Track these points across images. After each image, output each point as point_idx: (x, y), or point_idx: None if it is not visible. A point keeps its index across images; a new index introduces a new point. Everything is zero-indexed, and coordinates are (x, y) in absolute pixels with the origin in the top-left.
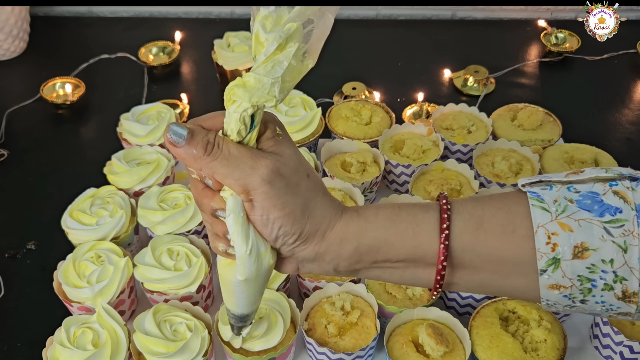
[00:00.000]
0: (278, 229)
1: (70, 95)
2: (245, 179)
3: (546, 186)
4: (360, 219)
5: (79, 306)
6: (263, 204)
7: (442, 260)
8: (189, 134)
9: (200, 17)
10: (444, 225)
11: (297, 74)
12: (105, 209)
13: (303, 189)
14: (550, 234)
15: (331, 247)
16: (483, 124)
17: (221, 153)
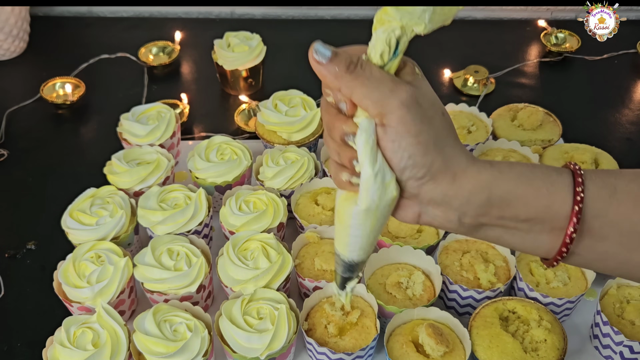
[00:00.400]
0: (408, 158)
1: (70, 95)
2: (384, 100)
3: None
4: (494, 169)
5: (79, 306)
6: (397, 128)
7: (575, 223)
8: (333, 53)
9: (200, 17)
10: (578, 188)
11: (447, 11)
12: (105, 209)
13: (437, 123)
14: None
15: (460, 192)
16: (483, 124)
17: (363, 72)
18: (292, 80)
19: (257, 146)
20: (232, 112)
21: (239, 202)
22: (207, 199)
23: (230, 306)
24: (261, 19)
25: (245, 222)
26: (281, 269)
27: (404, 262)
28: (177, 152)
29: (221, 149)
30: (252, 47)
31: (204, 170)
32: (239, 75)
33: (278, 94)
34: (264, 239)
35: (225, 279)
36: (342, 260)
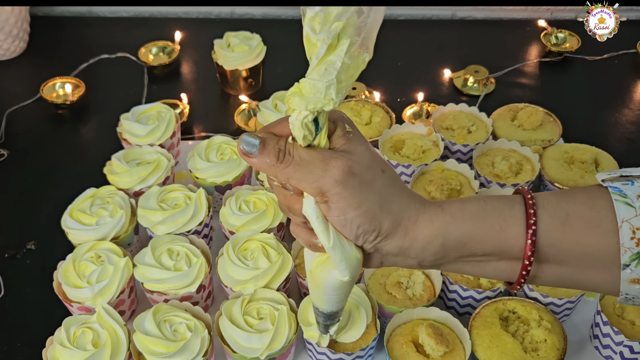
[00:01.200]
0: (357, 228)
1: (70, 95)
2: (319, 181)
3: (627, 181)
4: (445, 214)
5: (79, 306)
6: (338, 204)
7: (529, 255)
8: (261, 144)
9: (200, 17)
10: (530, 220)
11: (353, 70)
12: (105, 209)
13: (378, 185)
14: (635, 229)
15: (415, 243)
16: (483, 124)
17: (293, 159)
18: (292, 81)
19: None
20: (232, 112)
21: (239, 202)
22: (207, 199)
23: (230, 306)
24: (261, 19)
25: (245, 222)
26: (281, 269)
27: None
28: (177, 152)
29: (221, 149)
30: (252, 47)
31: (204, 170)
32: (239, 75)
33: (278, 94)
34: (264, 239)
35: (225, 279)
36: (321, 312)
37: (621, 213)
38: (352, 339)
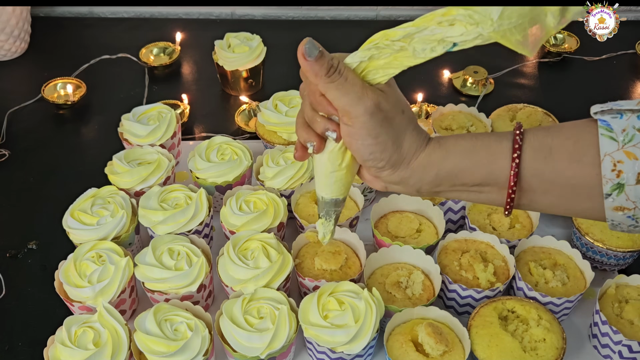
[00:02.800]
0: (369, 154)
1: (71, 96)
2: (351, 106)
3: (617, 114)
4: (442, 149)
5: (80, 305)
6: (360, 131)
7: (512, 185)
8: (319, 53)
9: (201, 17)
10: (514, 154)
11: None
12: (106, 209)
13: (397, 122)
14: (616, 162)
15: (414, 174)
16: (482, 124)
17: (339, 78)
18: (292, 81)
19: (257, 146)
20: (233, 113)
21: (239, 202)
22: (207, 199)
23: (230, 305)
24: (261, 20)
25: (246, 222)
26: (281, 268)
27: (404, 261)
28: (177, 152)
29: (222, 149)
30: (253, 47)
31: (205, 170)
32: (239, 75)
33: (278, 95)
34: (264, 238)
35: (225, 279)
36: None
37: (604, 147)
38: (358, 349)
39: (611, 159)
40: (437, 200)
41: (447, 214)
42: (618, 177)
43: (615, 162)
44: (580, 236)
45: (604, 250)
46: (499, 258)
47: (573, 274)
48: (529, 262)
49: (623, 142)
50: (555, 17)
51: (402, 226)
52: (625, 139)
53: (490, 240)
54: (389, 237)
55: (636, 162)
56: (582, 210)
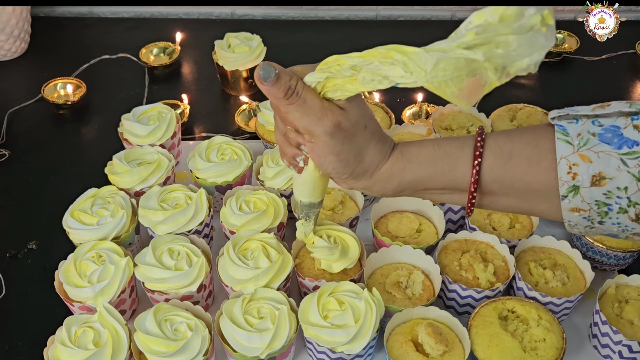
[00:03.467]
0: (332, 168)
1: (71, 96)
2: (311, 127)
3: (573, 119)
4: (404, 160)
5: (80, 305)
6: (322, 150)
7: (473, 191)
8: (276, 76)
9: (201, 17)
10: (475, 161)
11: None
12: (106, 209)
13: (358, 139)
14: (571, 165)
15: (377, 183)
16: (482, 125)
17: (298, 100)
18: None
19: (257, 146)
20: (233, 113)
21: (239, 202)
22: (207, 199)
23: (230, 305)
24: (261, 20)
25: (246, 221)
26: (281, 268)
27: (404, 261)
28: (177, 152)
29: (222, 149)
30: (253, 47)
31: (205, 170)
32: (239, 75)
33: None
34: (264, 238)
35: (225, 279)
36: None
37: (561, 150)
38: (358, 349)
39: (567, 161)
40: (437, 200)
41: (447, 214)
42: (573, 180)
43: (570, 164)
44: (580, 236)
45: (604, 250)
46: (499, 258)
47: (573, 274)
48: (529, 262)
49: (578, 145)
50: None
51: (402, 226)
52: (581, 142)
53: (490, 240)
54: (389, 237)
55: (590, 164)
56: (540, 211)
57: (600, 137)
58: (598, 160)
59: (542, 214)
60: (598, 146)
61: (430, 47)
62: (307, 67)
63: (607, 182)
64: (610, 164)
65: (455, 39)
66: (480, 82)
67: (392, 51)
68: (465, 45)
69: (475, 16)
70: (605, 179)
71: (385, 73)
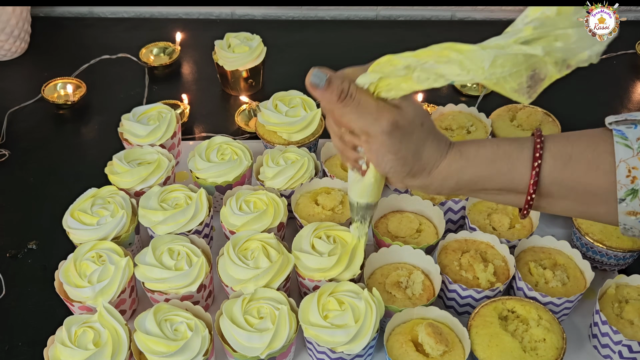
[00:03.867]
0: (390, 168)
1: (71, 96)
2: (368, 127)
3: (631, 124)
4: (462, 159)
5: (80, 305)
6: (380, 148)
7: (532, 192)
8: (327, 80)
9: (201, 17)
10: (535, 163)
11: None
12: (106, 209)
13: (415, 137)
14: (630, 168)
15: (435, 181)
16: (482, 124)
17: (352, 102)
18: (292, 81)
19: (257, 146)
20: (233, 113)
21: (239, 202)
22: (207, 199)
23: (230, 305)
24: (261, 20)
25: (246, 221)
26: (281, 268)
27: (404, 261)
28: (177, 152)
29: (222, 149)
30: (253, 47)
31: (205, 170)
32: (239, 75)
33: (278, 95)
34: (264, 238)
35: (225, 279)
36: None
37: (620, 154)
38: (358, 349)
39: (626, 165)
40: (437, 200)
41: (447, 214)
42: (632, 183)
43: (630, 168)
44: (580, 236)
45: (604, 250)
46: (499, 258)
47: (573, 274)
48: (529, 262)
49: (638, 149)
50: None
51: (402, 226)
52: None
53: (490, 240)
54: (389, 237)
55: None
56: (596, 214)
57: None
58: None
59: (598, 217)
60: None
61: (487, 43)
62: (357, 69)
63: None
64: None
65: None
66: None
67: (448, 50)
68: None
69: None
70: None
71: (442, 71)
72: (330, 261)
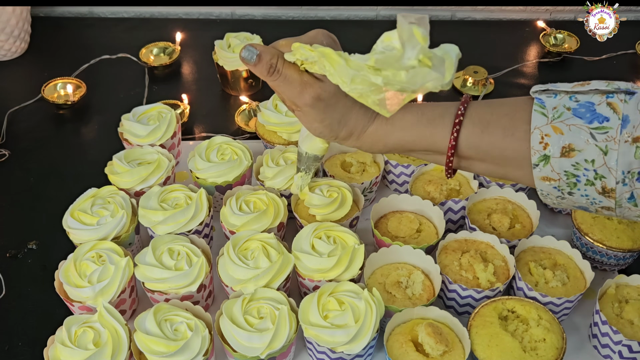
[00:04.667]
0: (319, 133)
1: (71, 96)
2: (294, 99)
3: (552, 94)
4: (388, 125)
5: (80, 305)
6: (307, 117)
7: (450, 155)
8: (258, 57)
9: (201, 17)
10: (454, 128)
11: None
12: (106, 209)
13: (341, 106)
14: (543, 135)
15: (365, 144)
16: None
17: (280, 76)
18: None
19: (257, 146)
20: (233, 113)
21: (239, 202)
22: (207, 199)
23: (230, 305)
24: (261, 20)
25: (246, 221)
26: (281, 268)
27: (404, 261)
28: (177, 152)
29: (222, 149)
30: None
31: (205, 170)
32: (239, 75)
33: None
34: (264, 238)
35: (225, 279)
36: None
37: (535, 121)
38: (358, 349)
39: (540, 132)
40: (437, 200)
41: (447, 214)
42: (544, 149)
43: (543, 135)
44: (580, 236)
45: (604, 250)
46: (499, 258)
47: (573, 274)
48: (529, 262)
49: (552, 117)
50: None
51: (402, 226)
52: (555, 115)
53: (490, 240)
54: (389, 237)
55: (561, 136)
56: (515, 177)
57: (574, 111)
58: (569, 132)
59: (517, 180)
60: (571, 119)
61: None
62: (290, 40)
63: (576, 154)
64: (580, 137)
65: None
66: (399, 94)
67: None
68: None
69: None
70: (574, 150)
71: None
72: (330, 262)
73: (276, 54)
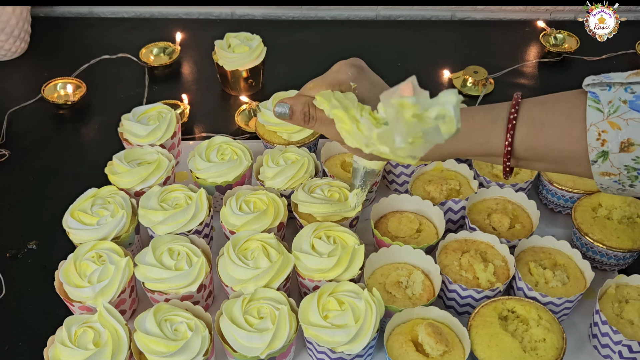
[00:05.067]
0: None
1: (71, 96)
2: (336, 137)
3: (606, 86)
4: None
5: (80, 305)
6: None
7: (506, 160)
8: (290, 111)
9: (201, 17)
10: (508, 134)
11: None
12: (106, 209)
13: None
14: (600, 132)
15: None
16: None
17: (316, 121)
18: (292, 81)
19: (257, 146)
20: (233, 113)
21: (239, 202)
22: (207, 199)
23: (230, 305)
24: (261, 20)
25: (246, 221)
26: (281, 268)
27: (404, 261)
28: (177, 152)
29: (222, 149)
30: (253, 47)
31: (205, 170)
32: (239, 75)
33: (278, 95)
34: (264, 238)
35: (225, 279)
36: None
37: (591, 118)
38: (358, 349)
39: (596, 128)
40: (437, 200)
41: (447, 214)
42: (602, 146)
43: (600, 131)
44: (580, 236)
45: (604, 250)
46: (499, 258)
47: (573, 274)
48: (529, 262)
49: (608, 113)
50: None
51: (402, 226)
52: (611, 110)
53: (490, 240)
54: (389, 237)
55: (619, 131)
56: (575, 173)
57: (631, 104)
58: (627, 127)
59: (578, 175)
60: (628, 113)
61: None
62: (316, 82)
63: (636, 149)
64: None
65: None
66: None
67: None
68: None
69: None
70: (634, 145)
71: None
72: (330, 262)
73: (306, 102)
